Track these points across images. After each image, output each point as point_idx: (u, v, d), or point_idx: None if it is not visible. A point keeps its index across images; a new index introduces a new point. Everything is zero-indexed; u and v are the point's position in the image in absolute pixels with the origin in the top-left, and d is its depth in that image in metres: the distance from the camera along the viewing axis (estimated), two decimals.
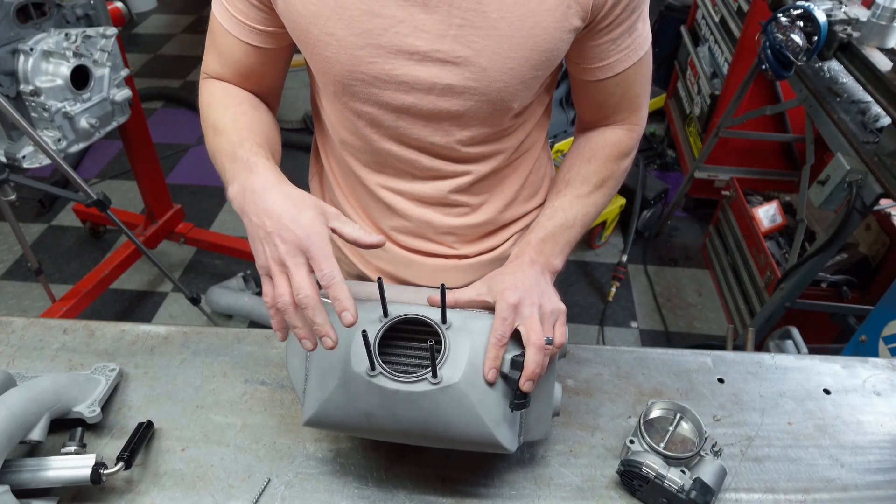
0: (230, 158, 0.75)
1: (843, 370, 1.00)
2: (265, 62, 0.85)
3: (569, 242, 0.86)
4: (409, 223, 0.90)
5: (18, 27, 1.64)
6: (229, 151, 0.76)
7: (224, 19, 0.81)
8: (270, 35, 0.81)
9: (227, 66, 0.85)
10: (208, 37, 0.86)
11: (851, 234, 1.69)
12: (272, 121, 0.87)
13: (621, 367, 0.99)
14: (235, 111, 0.82)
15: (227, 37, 0.82)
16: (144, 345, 1.00)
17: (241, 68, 0.85)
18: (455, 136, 0.80)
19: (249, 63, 0.84)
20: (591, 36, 0.76)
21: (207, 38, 0.86)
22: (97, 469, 0.76)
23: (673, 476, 0.75)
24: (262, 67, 0.85)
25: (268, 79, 0.88)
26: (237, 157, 0.74)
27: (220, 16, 0.81)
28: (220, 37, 0.83)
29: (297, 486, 0.82)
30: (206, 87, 0.87)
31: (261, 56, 0.83)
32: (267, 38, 0.81)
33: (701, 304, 2.67)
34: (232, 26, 0.80)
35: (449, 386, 0.70)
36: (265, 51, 0.83)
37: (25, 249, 1.91)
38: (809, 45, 1.74)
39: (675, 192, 2.99)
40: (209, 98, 0.85)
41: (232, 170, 0.74)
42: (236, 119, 0.81)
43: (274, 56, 0.85)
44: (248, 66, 0.85)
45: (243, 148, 0.75)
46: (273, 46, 0.83)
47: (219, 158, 0.77)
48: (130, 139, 2.20)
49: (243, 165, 0.73)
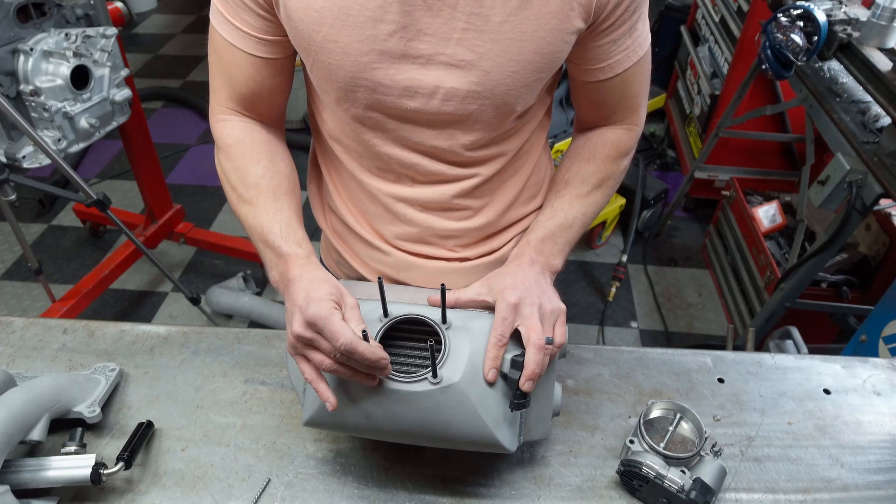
0: (262, 242, 0.81)
1: (843, 370, 1.00)
2: (275, 73, 0.83)
3: (568, 242, 0.87)
4: (412, 229, 0.90)
5: (18, 27, 1.64)
6: (259, 232, 0.81)
7: (230, 35, 0.79)
8: (277, 44, 0.80)
9: (238, 91, 0.84)
10: (214, 60, 0.84)
11: (851, 234, 1.69)
12: (288, 168, 0.88)
13: (621, 367, 0.99)
14: (256, 173, 0.83)
15: (235, 54, 0.80)
16: (144, 345, 1.00)
17: (252, 88, 0.83)
18: (459, 140, 0.80)
19: (260, 79, 0.83)
20: (593, 37, 0.76)
21: (213, 66, 0.84)
22: (97, 469, 0.76)
23: (673, 476, 0.75)
24: (272, 81, 0.84)
25: (277, 96, 0.87)
26: (269, 243, 0.80)
27: (225, 33, 0.79)
28: (228, 56, 0.81)
29: (297, 486, 0.82)
30: (221, 131, 0.86)
31: (270, 68, 0.82)
32: (274, 48, 0.80)
33: (701, 304, 2.67)
34: (239, 41, 0.79)
35: (449, 386, 0.70)
36: (274, 62, 0.82)
37: (25, 249, 1.91)
38: (809, 45, 1.74)
39: (675, 192, 2.99)
40: (226, 150, 0.85)
41: (268, 256, 0.80)
42: (258, 185, 0.83)
43: (282, 66, 0.84)
44: (258, 84, 0.83)
45: (273, 233, 0.79)
46: (281, 56, 0.82)
47: (249, 231, 0.83)
48: (130, 139, 2.20)
49: (277, 254, 0.79)
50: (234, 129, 0.86)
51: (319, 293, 0.70)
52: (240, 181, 0.83)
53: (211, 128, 0.88)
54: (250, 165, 0.84)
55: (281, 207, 0.82)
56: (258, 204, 0.82)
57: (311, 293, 0.70)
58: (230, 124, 0.86)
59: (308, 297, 0.69)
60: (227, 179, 0.85)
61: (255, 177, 0.83)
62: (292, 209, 0.83)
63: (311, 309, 0.67)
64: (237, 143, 0.85)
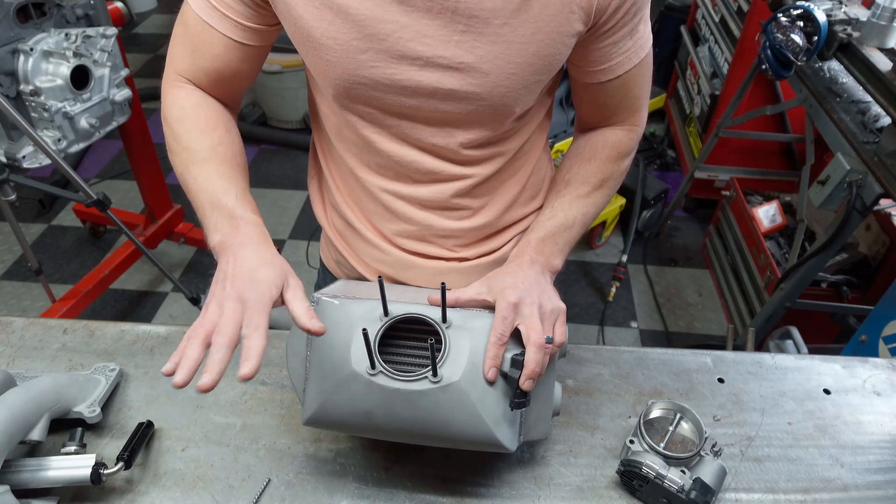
0: (212, 204, 0.76)
1: (843, 370, 1.00)
2: (244, 59, 0.82)
3: (568, 242, 0.87)
4: (410, 227, 0.90)
5: (18, 27, 1.64)
6: (211, 194, 0.77)
7: (206, 13, 0.77)
8: (256, 32, 0.79)
9: (201, 65, 0.82)
10: (180, 32, 0.82)
11: (851, 234, 1.69)
12: (241, 143, 0.86)
13: (621, 367, 0.99)
14: (212, 138, 0.81)
15: (207, 32, 0.78)
16: (144, 345, 1.00)
17: (217, 66, 0.82)
18: (457, 139, 0.80)
19: (227, 60, 0.81)
20: (594, 39, 0.76)
21: (178, 33, 0.82)
22: (97, 469, 0.76)
23: (673, 476, 0.75)
24: (240, 65, 0.82)
25: (239, 80, 0.85)
26: (220, 206, 0.76)
27: (200, 10, 0.77)
28: (198, 32, 0.79)
29: (297, 486, 0.82)
30: (175, 94, 0.84)
31: (241, 53, 0.81)
32: (252, 35, 0.79)
33: (701, 304, 2.67)
34: (215, 20, 0.77)
35: (449, 385, 0.70)
36: (247, 48, 0.80)
37: (25, 249, 1.91)
38: (809, 45, 1.74)
39: (675, 192, 2.99)
40: (180, 113, 0.82)
41: (214, 218, 0.75)
42: (213, 149, 0.80)
43: (254, 54, 0.82)
44: (224, 65, 0.82)
45: (228, 195, 0.76)
46: (256, 44, 0.81)
47: (195, 195, 0.78)
48: (130, 139, 2.20)
49: (228, 218, 0.75)
50: (191, 95, 0.84)
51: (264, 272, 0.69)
52: (194, 143, 0.80)
53: (163, 92, 0.85)
54: (206, 131, 0.81)
55: (235, 176, 0.80)
56: (211, 168, 0.79)
57: (255, 271, 0.69)
58: (187, 91, 0.84)
59: (253, 274, 0.68)
60: (177, 141, 0.82)
61: (211, 142, 0.81)
62: (245, 181, 0.81)
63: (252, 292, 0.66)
64: (193, 108, 0.83)
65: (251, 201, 0.79)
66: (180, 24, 0.81)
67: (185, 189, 0.80)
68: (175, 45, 0.83)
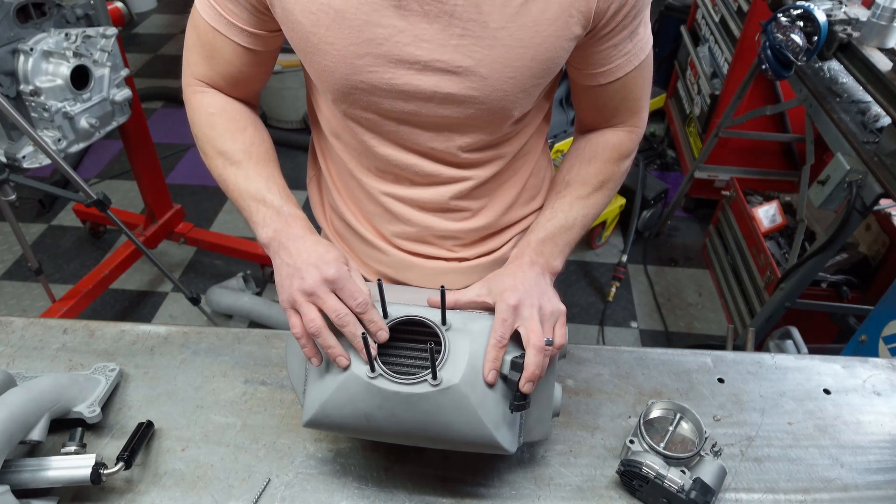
0: (257, 201, 0.80)
1: (843, 370, 1.00)
2: (254, 63, 0.83)
3: (568, 244, 0.86)
4: (410, 228, 0.90)
5: (18, 27, 1.64)
6: (254, 192, 0.81)
7: (213, 19, 0.78)
8: (261, 38, 0.80)
9: (217, 69, 0.83)
10: (192, 37, 0.83)
11: (851, 234, 1.69)
12: (270, 139, 0.89)
13: (621, 367, 0.99)
14: (244, 140, 0.84)
15: (217, 38, 0.80)
16: (144, 345, 1.00)
17: (230, 70, 0.83)
18: (455, 142, 0.80)
19: (239, 65, 0.83)
20: (593, 42, 0.76)
21: (190, 39, 0.83)
22: (97, 469, 0.76)
23: (673, 476, 0.75)
24: (251, 69, 0.84)
25: (253, 83, 0.87)
26: (267, 202, 0.80)
27: (207, 16, 0.79)
28: (209, 38, 0.80)
29: (297, 486, 0.82)
30: (200, 101, 0.86)
31: (251, 58, 0.82)
32: (258, 41, 0.80)
33: (701, 304, 2.67)
34: (223, 27, 0.78)
35: (449, 387, 0.70)
36: (256, 53, 0.82)
37: (25, 249, 1.91)
38: (809, 45, 1.74)
39: (675, 192, 2.99)
40: (208, 118, 0.85)
41: (262, 213, 0.80)
42: (248, 151, 0.83)
43: (263, 58, 0.84)
44: (237, 69, 0.83)
45: (272, 193, 0.81)
46: (263, 49, 0.82)
47: (238, 195, 0.82)
48: (130, 139, 2.20)
49: (276, 213, 0.79)
50: (215, 100, 0.86)
51: (332, 254, 0.74)
52: (228, 146, 0.83)
53: (185, 97, 0.87)
54: (237, 132, 0.84)
55: (273, 173, 0.84)
56: (250, 167, 0.83)
57: (324, 254, 0.74)
58: (210, 95, 0.86)
59: (323, 257, 0.73)
60: (211, 145, 0.84)
61: (244, 143, 0.84)
62: (282, 178, 0.85)
63: (333, 268, 0.72)
64: (221, 112, 0.85)
65: (293, 198, 0.83)
66: (192, 29, 0.83)
67: (224, 189, 0.84)
68: (189, 50, 0.85)
